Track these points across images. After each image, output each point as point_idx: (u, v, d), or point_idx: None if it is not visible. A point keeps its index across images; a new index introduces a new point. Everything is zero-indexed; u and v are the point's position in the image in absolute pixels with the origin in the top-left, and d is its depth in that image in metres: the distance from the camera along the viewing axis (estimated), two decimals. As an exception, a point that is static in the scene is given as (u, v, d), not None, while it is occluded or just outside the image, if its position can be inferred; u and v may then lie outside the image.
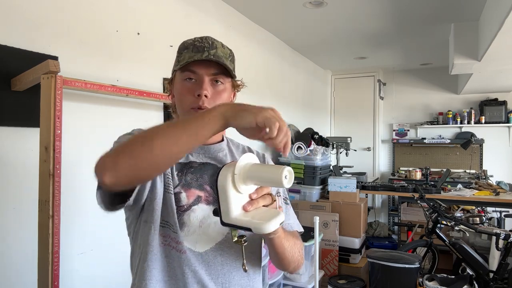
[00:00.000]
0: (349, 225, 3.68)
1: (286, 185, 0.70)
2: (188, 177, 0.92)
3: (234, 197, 0.73)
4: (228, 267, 0.90)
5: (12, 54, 1.48)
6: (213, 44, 0.91)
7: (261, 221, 0.71)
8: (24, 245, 1.52)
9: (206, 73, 0.89)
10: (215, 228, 0.90)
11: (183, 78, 0.90)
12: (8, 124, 1.48)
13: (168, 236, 0.87)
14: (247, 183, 0.74)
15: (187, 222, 0.88)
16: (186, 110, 0.90)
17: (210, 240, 0.89)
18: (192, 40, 0.92)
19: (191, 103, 0.89)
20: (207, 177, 0.93)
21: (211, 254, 0.89)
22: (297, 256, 0.94)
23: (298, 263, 0.96)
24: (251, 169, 0.74)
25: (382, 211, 5.59)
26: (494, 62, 3.25)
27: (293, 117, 4.37)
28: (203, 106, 0.87)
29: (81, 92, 1.74)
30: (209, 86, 0.89)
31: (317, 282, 2.79)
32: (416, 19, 3.37)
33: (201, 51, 0.88)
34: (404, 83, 5.78)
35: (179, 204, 0.89)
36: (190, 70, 0.89)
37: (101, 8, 1.89)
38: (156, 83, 2.24)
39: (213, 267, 0.88)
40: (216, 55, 0.89)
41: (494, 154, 5.18)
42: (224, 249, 0.90)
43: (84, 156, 1.79)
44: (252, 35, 3.45)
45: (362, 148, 5.74)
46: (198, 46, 0.89)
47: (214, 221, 0.89)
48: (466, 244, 3.16)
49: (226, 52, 0.93)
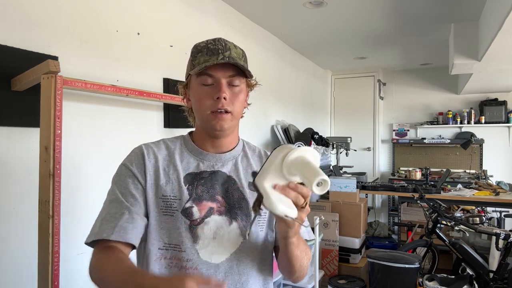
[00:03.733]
0: (349, 225, 3.68)
1: (316, 191, 0.70)
2: (199, 190, 0.92)
3: (274, 171, 0.75)
4: (246, 276, 0.91)
5: (12, 54, 1.48)
6: (226, 45, 0.92)
7: (276, 200, 0.73)
8: (24, 245, 1.52)
9: (223, 76, 0.89)
10: (229, 238, 0.91)
11: (200, 82, 0.91)
12: (8, 124, 1.48)
13: (174, 257, 0.88)
14: (291, 171, 0.75)
15: (201, 235, 0.89)
16: (206, 113, 0.91)
17: (225, 251, 0.90)
18: (205, 43, 0.92)
19: (210, 106, 0.89)
20: (218, 187, 0.93)
21: (227, 265, 0.90)
22: (303, 266, 0.94)
23: (302, 273, 0.95)
24: (298, 159, 0.74)
25: (382, 211, 5.59)
26: (494, 62, 3.25)
27: (293, 117, 4.37)
28: (223, 108, 0.88)
29: (81, 92, 1.74)
30: (227, 89, 0.90)
31: (317, 282, 2.79)
32: (416, 19, 3.37)
33: (216, 54, 0.89)
34: (404, 83, 5.77)
35: (191, 218, 0.89)
36: (207, 74, 0.89)
37: (101, 8, 1.89)
38: (156, 83, 2.24)
39: (230, 277, 0.89)
40: (231, 57, 0.90)
41: (494, 154, 5.18)
42: (239, 258, 0.91)
43: (84, 156, 1.79)
44: (252, 35, 3.45)
45: (362, 148, 5.74)
46: (212, 49, 0.90)
47: (228, 231, 0.91)
48: (466, 244, 3.16)
49: (239, 53, 0.94)
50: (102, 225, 0.87)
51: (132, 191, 0.90)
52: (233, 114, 0.91)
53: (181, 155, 0.96)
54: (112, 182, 0.94)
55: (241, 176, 0.97)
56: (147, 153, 0.94)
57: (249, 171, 0.98)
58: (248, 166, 0.99)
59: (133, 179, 0.91)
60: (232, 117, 0.91)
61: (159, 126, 2.27)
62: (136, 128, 2.09)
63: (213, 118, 0.90)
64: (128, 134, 2.03)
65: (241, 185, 0.95)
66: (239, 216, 0.93)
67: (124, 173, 0.92)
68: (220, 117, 0.89)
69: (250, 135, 3.39)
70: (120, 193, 0.90)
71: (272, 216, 0.97)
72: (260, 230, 0.96)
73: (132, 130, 2.07)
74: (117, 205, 0.89)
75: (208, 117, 0.90)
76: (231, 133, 0.96)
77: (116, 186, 0.92)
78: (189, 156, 0.96)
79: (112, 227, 0.85)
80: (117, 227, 0.85)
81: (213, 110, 0.89)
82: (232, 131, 0.97)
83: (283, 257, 0.91)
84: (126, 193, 0.90)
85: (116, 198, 0.90)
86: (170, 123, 2.29)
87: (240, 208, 0.93)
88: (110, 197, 0.91)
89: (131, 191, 0.90)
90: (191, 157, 0.96)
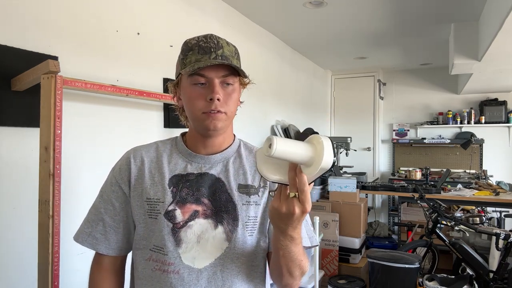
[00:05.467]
0: (349, 225, 3.67)
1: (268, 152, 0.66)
2: (183, 193, 0.89)
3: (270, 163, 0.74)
4: (230, 283, 0.88)
5: (12, 54, 1.48)
6: (219, 43, 0.88)
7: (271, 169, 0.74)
8: (24, 245, 1.53)
9: (216, 75, 0.85)
10: (214, 242, 0.88)
11: (192, 82, 0.87)
12: (8, 124, 1.48)
13: (158, 260, 0.88)
14: None
15: (184, 239, 0.87)
16: (198, 114, 0.87)
17: (209, 256, 0.87)
18: (196, 40, 0.88)
19: (203, 107, 0.86)
20: (205, 189, 0.90)
21: (211, 270, 0.87)
22: (294, 275, 0.86)
23: (292, 283, 0.88)
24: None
25: (382, 211, 5.59)
26: (494, 62, 3.25)
27: (293, 117, 4.37)
28: (217, 109, 0.85)
29: (81, 92, 1.74)
30: (220, 89, 0.86)
31: (317, 282, 2.79)
32: (416, 19, 3.37)
33: (208, 53, 0.86)
34: (404, 83, 5.77)
35: (174, 221, 0.87)
36: (199, 74, 0.85)
37: (101, 8, 1.89)
38: (156, 83, 2.24)
39: (213, 283, 0.87)
40: (224, 55, 0.86)
41: (494, 154, 5.18)
42: (224, 264, 0.88)
43: (84, 156, 1.79)
44: (252, 35, 3.45)
45: (362, 148, 5.74)
46: (204, 47, 0.86)
47: (213, 235, 0.88)
48: (466, 244, 3.16)
49: (232, 50, 0.90)
50: (82, 227, 0.97)
51: (112, 200, 0.94)
52: (227, 114, 0.88)
53: (170, 157, 0.95)
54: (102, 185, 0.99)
55: (230, 178, 0.92)
56: (134, 156, 0.95)
57: (240, 173, 0.94)
58: (240, 168, 0.95)
59: (116, 188, 0.94)
60: (226, 117, 0.88)
61: (159, 126, 2.27)
62: (136, 128, 2.09)
63: (206, 118, 0.86)
64: (128, 134, 2.03)
65: (229, 188, 0.91)
66: (225, 219, 0.89)
67: (109, 181, 0.96)
68: (214, 117, 0.86)
69: (250, 135, 3.39)
70: (103, 200, 0.96)
71: (265, 219, 0.93)
72: (249, 235, 0.90)
73: (132, 130, 2.07)
74: (96, 213, 0.96)
75: (201, 117, 0.87)
76: (223, 132, 0.93)
77: (101, 192, 0.97)
78: (178, 157, 0.94)
79: (87, 233, 0.95)
80: (90, 236, 0.95)
81: (206, 111, 0.86)
82: (225, 131, 0.93)
83: (275, 258, 0.85)
84: (108, 201, 0.95)
85: (97, 205, 0.96)
86: (170, 123, 2.29)
87: (226, 212, 0.89)
88: (95, 201, 0.98)
89: (111, 200, 0.94)
90: (179, 159, 0.94)
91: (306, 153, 0.68)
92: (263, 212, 0.93)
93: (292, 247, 0.80)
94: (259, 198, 0.93)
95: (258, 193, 0.93)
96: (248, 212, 0.91)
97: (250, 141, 1.09)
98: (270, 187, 0.94)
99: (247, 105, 1.57)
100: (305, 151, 0.68)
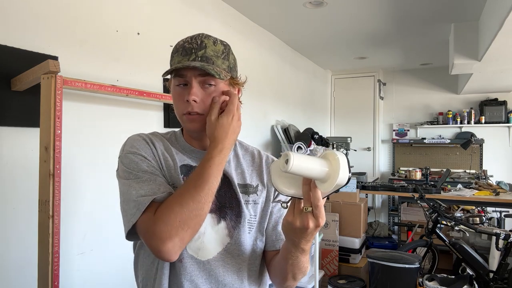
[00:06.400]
0: (349, 225, 3.68)
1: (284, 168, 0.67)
2: None
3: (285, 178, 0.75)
4: (229, 279, 0.88)
5: (12, 54, 1.48)
6: (202, 43, 0.87)
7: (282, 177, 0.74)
8: (24, 245, 1.52)
9: (194, 76, 0.85)
10: (218, 237, 0.88)
11: (175, 83, 0.89)
12: (8, 124, 1.48)
13: None
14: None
15: None
16: (180, 116, 0.89)
17: (213, 249, 0.88)
18: (183, 41, 0.89)
19: (182, 109, 0.87)
20: None
21: (213, 264, 0.87)
22: (297, 278, 0.89)
23: (293, 285, 0.91)
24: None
25: (382, 211, 5.59)
26: (494, 62, 3.25)
27: (293, 117, 4.37)
28: (193, 112, 0.86)
29: (81, 92, 1.74)
30: (199, 90, 0.86)
31: (317, 282, 2.79)
32: (416, 19, 3.37)
33: (189, 54, 0.86)
34: (404, 83, 5.78)
35: None
36: (179, 75, 0.87)
37: (101, 8, 1.89)
38: (156, 83, 2.24)
39: (213, 277, 0.87)
40: (205, 56, 0.86)
41: (494, 154, 5.18)
42: (226, 260, 0.88)
43: (84, 156, 1.79)
44: (252, 35, 3.45)
45: (362, 148, 5.74)
46: (186, 48, 0.87)
47: (215, 230, 0.88)
48: (466, 244, 3.16)
49: (218, 50, 0.88)
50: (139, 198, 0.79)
51: (149, 169, 0.85)
52: (205, 115, 0.87)
53: (175, 147, 0.95)
54: (119, 177, 0.88)
55: (233, 176, 0.93)
56: (148, 140, 0.91)
57: (238, 172, 0.95)
58: (238, 167, 0.96)
59: (146, 162, 0.86)
60: (204, 118, 0.87)
61: (159, 126, 2.27)
62: (136, 128, 2.08)
63: (186, 120, 0.88)
64: (128, 134, 2.01)
65: (234, 185, 0.93)
66: (228, 215, 0.90)
67: (134, 160, 0.86)
68: (191, 119, 0.87)
69: (250, 135, 3.39)
70: (138, 175, 0.84)
71: (262, 219, 0.95)
72: (248, 232, 0.91)
73: (132, 130, 2.04)
74: (144, 177, 0.83)
75: (182, 119, 0.89)
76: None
77: (127, 174, 0.84)
78: (181, 153, 0.94)
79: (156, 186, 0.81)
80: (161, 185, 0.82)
81: (184, 113, 0.87)
82: None
83: (280, 259, 0.87)
84: (147, 170, 0.85)
85: (136, 177, 0.83)
86: (170, 123, 2.29)
87: (230, 208, 0.90)
88: (130, 186, 0.82)
89: (147, 169, 0.84)
90: (183, 154, 0.94)
91: (321, 169, 0.69)
92: (261, 211, 0.95)
93: (302, 257, 0.83)
94: (258, 197, 0.94)
95: (257, 192, 0.95)
96: (249, 211, 0.92)
97: (250, 141, 1.09)
98: (279, 196, 0.94)
99: (247, 105, 1.57)
100: (321, 167, 0.69)
